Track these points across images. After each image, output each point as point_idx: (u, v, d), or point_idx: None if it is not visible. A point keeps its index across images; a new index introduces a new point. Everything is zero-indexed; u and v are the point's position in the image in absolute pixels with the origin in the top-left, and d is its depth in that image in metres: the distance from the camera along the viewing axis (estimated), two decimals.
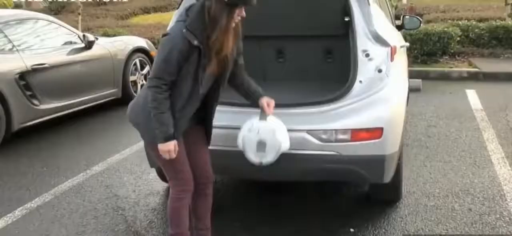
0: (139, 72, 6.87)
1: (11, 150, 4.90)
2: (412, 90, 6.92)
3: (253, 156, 2.66)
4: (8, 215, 3.49)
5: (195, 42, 2.37)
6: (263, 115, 2.64)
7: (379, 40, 3.06)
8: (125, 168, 4.33)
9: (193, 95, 2.48)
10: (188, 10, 2.49)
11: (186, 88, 2.45)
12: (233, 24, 2.44)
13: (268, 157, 2.64)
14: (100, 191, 3.87)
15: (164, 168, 2.66)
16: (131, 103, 2.73)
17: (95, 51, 6.14)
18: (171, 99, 2.44)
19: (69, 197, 3.77)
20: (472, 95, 6.75)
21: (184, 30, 2.38)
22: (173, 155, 2.46)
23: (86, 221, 3.36)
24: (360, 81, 2.95)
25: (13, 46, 5.26)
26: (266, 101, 2.67)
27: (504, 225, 3.11)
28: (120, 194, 3.80)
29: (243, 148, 2.66)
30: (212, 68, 2.51)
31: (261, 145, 2.60)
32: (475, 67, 8.37)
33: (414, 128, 5.30)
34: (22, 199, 3.74)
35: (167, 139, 2.42)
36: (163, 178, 3.79)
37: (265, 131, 2.60)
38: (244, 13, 2.46)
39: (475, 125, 5.35)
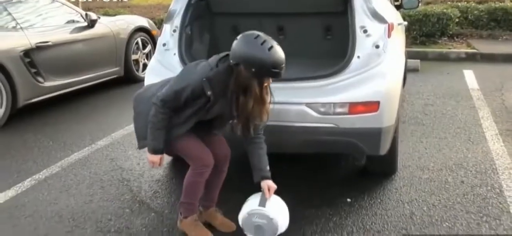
0: (141, 51, 6.96)
1: (17, 126, 5.02)
2: (410, 70, 7.07)
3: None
4: (17, 185, 3.61)
5: (208, 93, 2.53)
6: (262, 200, 2.70)
7: (377, 17, 3.15)
8: (129, 142, 4.45)
9: (190, 120, 2.65)
10: (220, 61, 2.60)
11: (185, 114, 2.63)
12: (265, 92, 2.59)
13: None
14: (106, 163, 4.00)
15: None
16: (139, 92, 2.88)
17: (97, 30, 6.22)
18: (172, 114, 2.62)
19: (75, 169, 3.89)
20: (469, 75, 6.86)
21: (204, 79, 2.52)
22: (157, 166, 2.72)
23: (93, 191, 3.49)
24: (358, 57, 3.04)
25: (17, 23, 5.34)
26: (268, 185, 2.70)
27: (494, 196, 3.24)
28: (125, 166, 3.92)
29: (243, 228, 2.76)
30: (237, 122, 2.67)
31: (259, 229, 2.69)
32: (473, 48, 8.45)
33: (411, 106, 5.41)
34: (30, 171, 3.87)
35: (155, 152, 2.66)
36: (167, 152, 3.92)
37: (263, 217, 2.68)
38: (270, 81, 2.60)
39: (471, 104, 5.46)
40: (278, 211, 2.72)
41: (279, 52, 2.49)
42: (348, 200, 3.24)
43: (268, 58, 2.45)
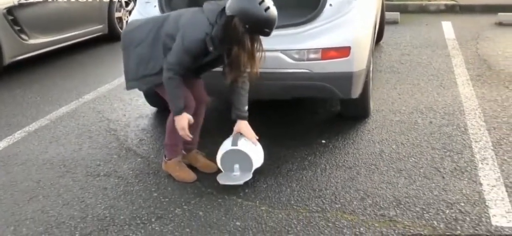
0: (124, 9, 7.02)
1: (4, 83, 5.13)
2: (390, 22, 7.24)
3: (231, 175, 2.91)
4: (8, 137, 3.77)
5: (211, 48, 2.65)
6: (235, 140, 2.90)
7: None
8: (115, 96, 4.60)
9: (190, 69, 2.78)
10: (218, 16, 2.65)
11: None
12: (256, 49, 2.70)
13: (243, 177, 2.89)
14: (93, 116, 4.16)
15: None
16: (126, 31, 2.97)
17: None
18: None
19: (64, 122, 4.05)
20: (447, 26, 7.04)
21: (208, 38, 2.62)
22: (187, 132, 2.75)
23: (81, 141, 3.66)
24: (330, 5, 3.19)
25: None
26: (239, 129, 2.90)
27: (459, 134, 3.47)
28: (112, 118, 4.09)
29: (221, 168, 2.95)
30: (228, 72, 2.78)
31: (235, 167, 2.89)
32: (453, 0, 8.60)
33: (388, 56, 5.60)
34: (20, 124, 4.02)
35: (179, 112, 2.72)
36: (151, 103, 4.09)
37: (237, 156, 2.88)
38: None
39: (446, 52, 5.66)
40: (250, 148, 2.93)
41: (274, 13, 2.60)
42: (323, 141, 3.45)
43: (263, 18, 2.57)
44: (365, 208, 2.63)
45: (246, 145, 2.94)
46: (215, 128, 3.43)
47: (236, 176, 2.90)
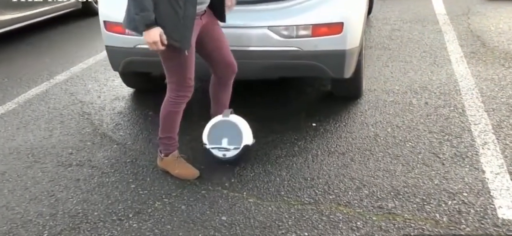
0: None
1: None
2: None
3: (217, 151, 2.69)
4: None
5: None
6: (226, 113, 2.71)
7: None
8: (89, 76, 4.30)
9: None
10: None
11: None
12: None
13: (231, 153, 2.68)
14: (65, 98, 3.86)
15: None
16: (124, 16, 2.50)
17: None
18: None
19: (33, 105, 3.75)
20: (437, 1, 6.82)
21: None
22: (160, 46, 2.30)
23: (52, 126, 3.38)
24: None
25: None
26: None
27: (457, 116, 3.27)
28: (86, 100, 3.80)
29: (208, 142, 2.71)
30: None
31: (223, 141, 2.68)
32: None
33: (378, 32, 5.37)
34: None
35: (149, 26, 2.26)
36: (128, 83, 3.81)
37: (227, 129, 2.67)
38: None
39: (438, 28, 5.46)
40: (241, 121, 2.73)
41: None
42: (313, 124, 3.23)
43: None
44: (361, 199, 2.42)
45: (237, 118, 2.73)
46: (197, 113, 3.18)
47: (223, 151, 2.70)
